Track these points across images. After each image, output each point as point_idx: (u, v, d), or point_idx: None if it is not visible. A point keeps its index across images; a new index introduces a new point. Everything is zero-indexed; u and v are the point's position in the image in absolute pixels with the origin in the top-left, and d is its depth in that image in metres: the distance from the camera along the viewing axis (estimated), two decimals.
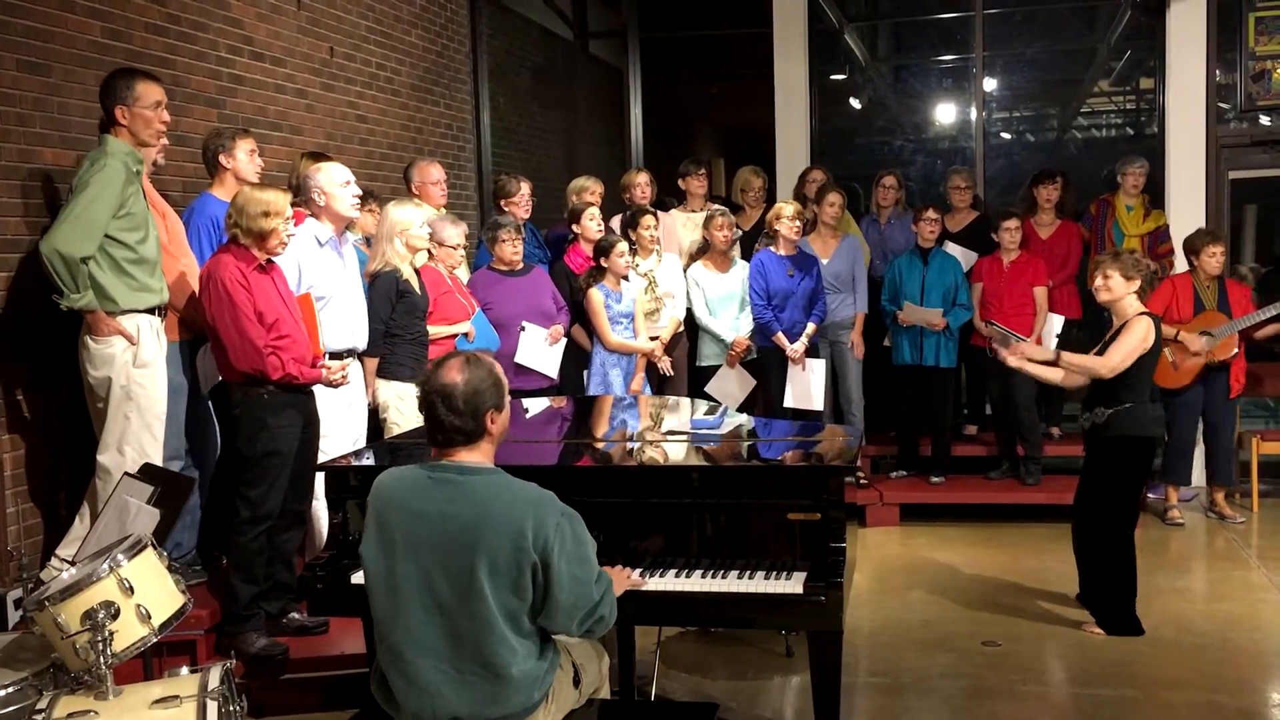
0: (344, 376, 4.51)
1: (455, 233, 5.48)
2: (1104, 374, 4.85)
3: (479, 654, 2.72)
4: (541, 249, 6.66)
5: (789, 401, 6.53)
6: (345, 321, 4.78)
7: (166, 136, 4.72)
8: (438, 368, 2.81)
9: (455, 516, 2.72)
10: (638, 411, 4.92)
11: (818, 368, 6.57)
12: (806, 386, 6.53)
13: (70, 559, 3.74)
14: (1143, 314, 4.85)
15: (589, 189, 6.72)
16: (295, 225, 4.43)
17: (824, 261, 6.80)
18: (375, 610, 2.82)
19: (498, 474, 2.80)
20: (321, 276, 4.70)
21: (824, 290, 6.65)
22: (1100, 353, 4.92)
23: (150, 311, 4.30)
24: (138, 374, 4.25)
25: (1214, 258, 6.49)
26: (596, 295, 6.00)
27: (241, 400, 4.25)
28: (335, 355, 4.70)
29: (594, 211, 6.35)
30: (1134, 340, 4.79)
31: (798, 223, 6.49)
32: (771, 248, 6.56)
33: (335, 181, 4.74)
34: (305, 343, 4.37)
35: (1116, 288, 4.88)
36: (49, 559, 4.28)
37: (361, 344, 4.89)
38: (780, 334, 6.48)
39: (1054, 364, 5.07)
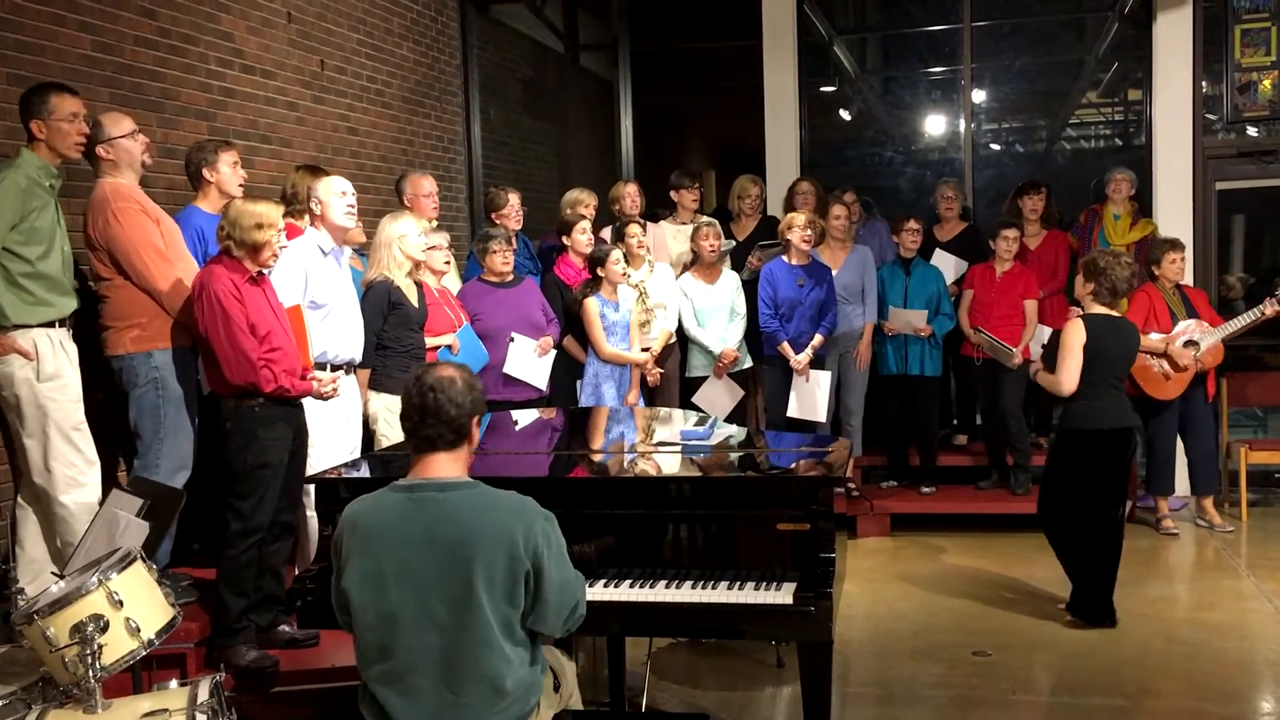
0: (334, 389, 4.52)
1: (439, 238, 5.54)
2: (1065, 391, 5.04)
3: (476, 670, 2.70)
4: (532, 260, 6.66)
5: (792, 412, 6.51)
6: (345, 332, 4.80)
7: (155, 149, 4.70)
8: (431, 367, 2.83)
9: (445, 537, 2.69)
10: (628, 423, 4.92)
11: (823, 379, 6.54)
12: (812, 397, 6.51)
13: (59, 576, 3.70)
14: (1079, 317, 5.03)
15: (583, 201, 6.73)
16: (288, 238, 4.45)
17: (833, 273, 6.82)
18: (364, 639, 2.77)
19: (477, 486, 2.79)
20: (325, 286, 4.73)
21: (835, 302, 6.64)
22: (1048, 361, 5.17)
23: (50, 325, 4.15)
24: (44, 388, 4.11)
25: (1175, 264, 6.59)
26: (592, 305, 6.00)
27: (232, 413, 4.23)
28: (335, 367, 4.73)
29: (585, 225, 6.36)
30: (1065, 352, 5.00)
31: (809, 232, 6.50)
32: (784, 257, 6.58)
33: (332, 191, 4.78)
34: (295, 355, 4.38)
35: (1075, 288, 5.16)
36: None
37: (359, 356, 4.91)
38: (785, 344, 6.48)
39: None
